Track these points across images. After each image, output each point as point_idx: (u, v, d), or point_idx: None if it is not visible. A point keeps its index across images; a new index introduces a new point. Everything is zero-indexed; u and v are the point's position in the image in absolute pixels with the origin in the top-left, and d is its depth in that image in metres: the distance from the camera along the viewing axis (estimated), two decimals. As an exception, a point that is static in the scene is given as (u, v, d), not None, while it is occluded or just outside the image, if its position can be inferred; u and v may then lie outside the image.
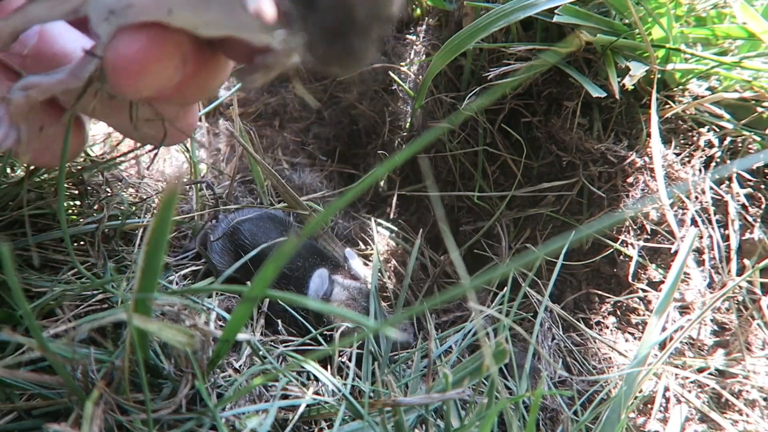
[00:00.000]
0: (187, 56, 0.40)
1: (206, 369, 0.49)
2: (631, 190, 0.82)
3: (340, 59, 0.32)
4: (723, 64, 0.78)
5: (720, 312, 0.77)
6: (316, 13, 0.30)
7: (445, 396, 0.52)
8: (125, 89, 0.39)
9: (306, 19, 0.31)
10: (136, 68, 0.38)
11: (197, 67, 0.41)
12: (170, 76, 0.39)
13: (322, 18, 0.30)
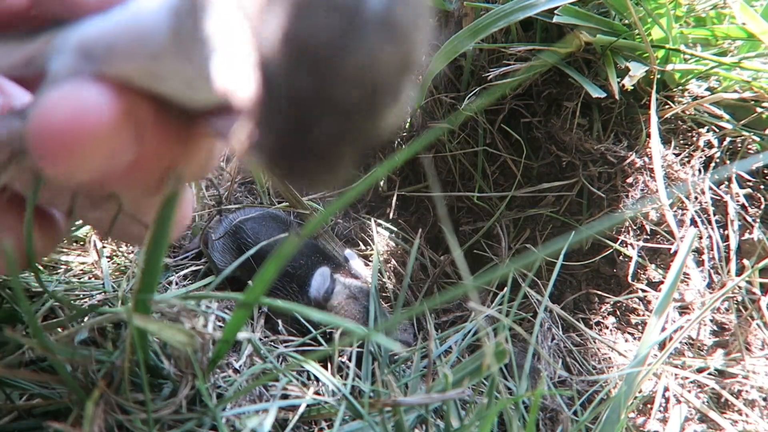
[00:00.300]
0: (144, 126, 0.29)
1: (206, 369, 0.49)
2: (630, 191, 0.82)
3: (293, 176, 0.25)
4: (722, 64, 0.78)
5: (719, 312, 0.77)
6: (277, 116, 0.23)
7: (445, 396, 0.52)
8: (52, 171, 0.28)
9: (269, 117, 0.23)
10: (65, 140, 0.27)
11: (162, 141, 0.30)
12: (119, 154, 0.28)
13: (273, 116, 0.23)
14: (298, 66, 0.21)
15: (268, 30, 0.21)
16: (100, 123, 0.27)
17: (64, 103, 0.27)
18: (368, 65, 0.21)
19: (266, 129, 0.23)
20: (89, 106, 0.27)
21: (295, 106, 0.22)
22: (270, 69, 0.22)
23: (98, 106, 0.27)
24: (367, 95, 0.22)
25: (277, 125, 0.23)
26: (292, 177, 0.25)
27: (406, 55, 0.22)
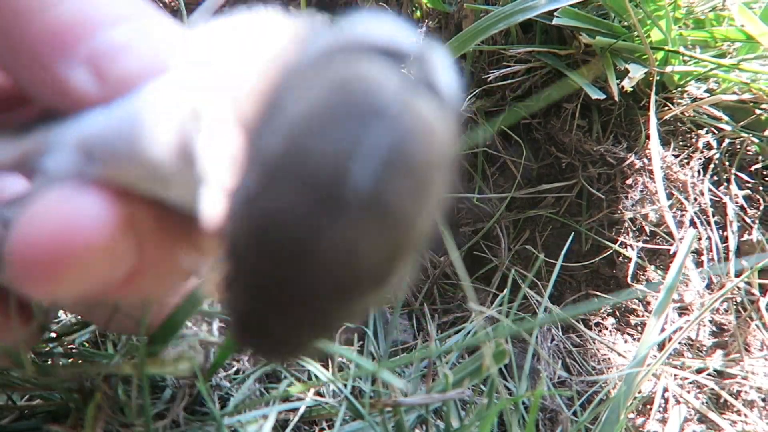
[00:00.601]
0: (145, 233, 0.26)
1: (208, 373, 0.49)
2: (630, 192, 0.82)
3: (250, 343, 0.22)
4: (721, 66, 0.79)
5: (719, 313, 0.77)
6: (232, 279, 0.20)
7: (446, 396, 0.52)
8: (33, 292, 0.24)
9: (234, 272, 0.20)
10: (47, 263, 0.23)
11: (163, 247, 0.27)
12: (116, 267, 0.25)
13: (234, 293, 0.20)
14: (259, 247, 0.18)
15: (236, 200, 0.18)
16: (95, 239, 0.23)
17: (51, 214, 0.23)
18: (345, 254, 0.17)
19: (231, 302, 0.21)
20: (83, 220, 0.23)
21: (256, 291, 0.19)
22: (234, 244, 0.18)
23: (93, 219, 0.23)
24: (341, 286, 0.18)
25: (240, 304, 0.20)
26: (250, 350, 0.22)
27: (400, 240, 0.18)
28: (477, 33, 0.74)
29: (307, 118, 0.17)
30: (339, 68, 0.18)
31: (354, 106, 0.17)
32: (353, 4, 0.89)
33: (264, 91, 0.20)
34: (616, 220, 0.83)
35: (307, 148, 0.17)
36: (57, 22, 0.25)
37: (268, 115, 0.19)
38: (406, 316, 0.80)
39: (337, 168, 0.16)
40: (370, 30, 0.20)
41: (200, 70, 0.25)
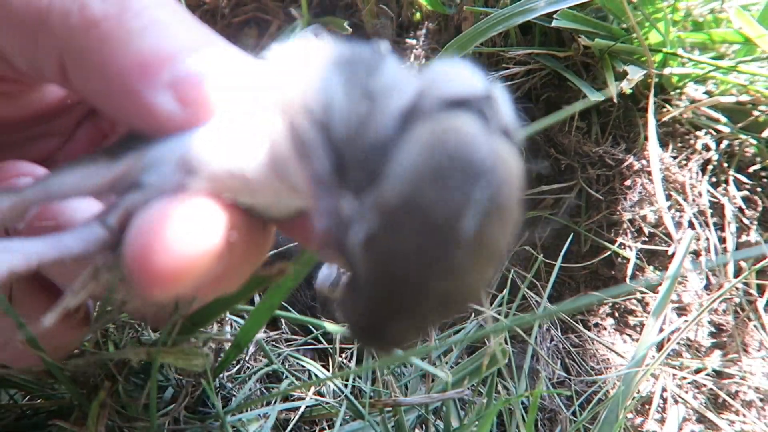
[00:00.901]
0: (235, 237, 0.29)
1: (214, 373, 0.50)
2: (628, 193, 0.83)
3: (355, 334, 0.27)
4: (719, 68, 0.79)
5: (717, 313, 0.77)
6: (358, 291, 0.25)
7: (445, 396, 0.53)
8: (154, 293, 0.27)
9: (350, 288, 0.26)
10: (167, 270, 0.26)
11: (247, 250, 0.30)
12: (212, 272, 0.28)
13: (359, 298, 0.25)
14: (393, 274, 0.23)
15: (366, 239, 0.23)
16: (213, 244, 0.26)
17: (173, 222, 0.26)
18: (455, 279, 0.23)
19: (351, 305, 0.26)
20: (201, 227, 0.26)
21: (378, 304, 0.24)
22: (360, 267, 0.24)
23: (211, 226, 0.27)
24: (444, 304, 0.24)
25: (358, 310, 0.25)
26: (364, 344, 0.26)
27: (492, 265, 0.24)
28: (476, 35, 0.74)
29: (420, 173, 0.22)
30: (435, 123, 0.24)
31: (458, 164, 0.22)
32: (353, 7, 0.90)
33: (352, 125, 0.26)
34: (614, 221, 0.83)
35: (425, 200, 0.22)
36: (141, 53, 0.28)
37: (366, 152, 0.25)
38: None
39: (452, 217, 0.22)
40: (449, 82, 0.26)
41: (275, 93, 0.29)
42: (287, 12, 0.89)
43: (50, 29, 0.29)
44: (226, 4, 0.91)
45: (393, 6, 0.90)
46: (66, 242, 0.30)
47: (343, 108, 0.27)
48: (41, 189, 0.31)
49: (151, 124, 0.29)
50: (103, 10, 0.28)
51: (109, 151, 0.32)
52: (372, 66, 0.29)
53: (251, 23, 0.91)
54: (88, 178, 0.31)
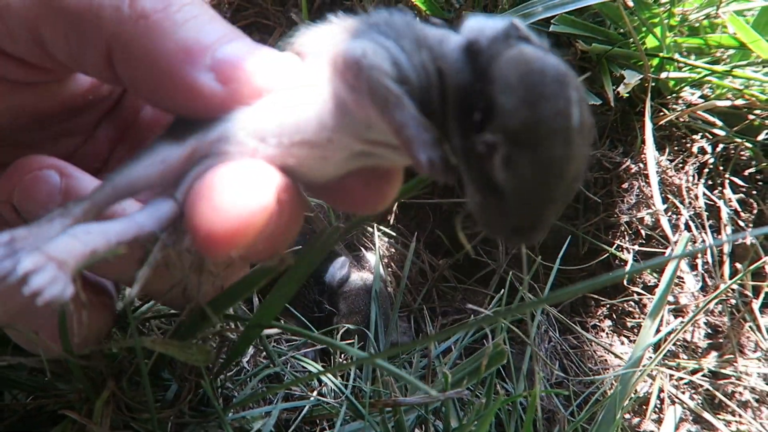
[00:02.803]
0: (288, 193, 0.32)
1: (216, 373, 0.50)
2: (626, 196, 0.83)
3: (512, 239, 0.32)
4: (715, 72, 0.80)
5: (713, 315, 0.78)
6: (505, 203, 0.30)
7: (444, 396, 0.53)
8: (215, 254, 0.29)
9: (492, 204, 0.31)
10: (241, 230, 0.29)
11: (293, 214, 0.33)
12: (271, 229, 0.31)
13: (513, 213, 0.31)
14: (537, 181, 0.29)
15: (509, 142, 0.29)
16: (272, 204, 0.30)
17: (234, 182, 0.29)
18: (580, 159, 0.30)
19: (501, 216, 0.31)
20: (262, 187, 0.30)
21: (533, 204, 0.30)
22: (508, 184, 0.30)
23: (270, 186, 0.30)
24: (577, 179, 0.31)
25: (513, 215, 0.31)
26: (520, 241, 0.32)
27: (588, 151, 0.31)
28: (475, 40, 0.75)
29: (527, 95, 0.29)
30: (510, 57, 0.31)
31: (549, 78, 0.30)
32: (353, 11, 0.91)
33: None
34: (612, 224, 0.84)
35: (547, 116, 0.29)
36: (185, 40, 0.33)
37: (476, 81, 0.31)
38: (405, 318, 0.81)
39: (566, 117, 0.29)
40: (490, 24, 0.33)
41: (326, 64, 0.33)
42: (288, 17, 0.90)
43: (100, 20, 0.33)
44: (227, 8, 0.92)
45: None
46: (139, 220, 0.32)
47: (406, 60, 0.33)
48: (110, 188, 0.33)
49: (196, 103, 0.33)
50: (151, 4, 0.33)
51: (167, 136, 0.35)
52: (405, 22, 0.35)
53: (252, 28, 0.92)
54: (154, 166, 0.34)
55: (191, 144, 0.34)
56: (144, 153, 0.34)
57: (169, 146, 0.34)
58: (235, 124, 0.33)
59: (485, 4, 0.82)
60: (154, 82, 0.34)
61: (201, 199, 0.30)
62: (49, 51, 0.35)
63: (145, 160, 0.34)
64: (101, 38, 0.33)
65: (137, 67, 0.33)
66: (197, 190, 0.30)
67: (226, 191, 0.30)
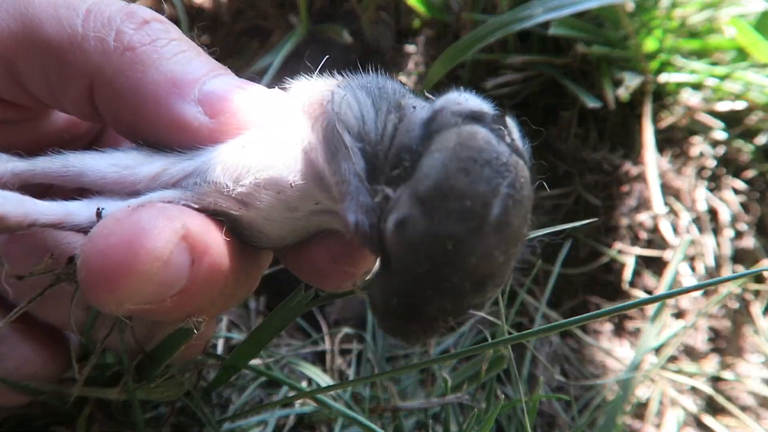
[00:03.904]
0: (208, 250, 0.29)
1: (208, 389, 0.50)
2: (626, 199, 0.83)
3: (385, 323, 0.29)
4: (715, 75, 0.80)
5: (714, 318, 0.78)
6: (389, 278, 0.28)
7: (444, 401, 0.53)
8: (97, 299, 0.27)
9: (381, 276, 0.29)
10: (115, 269, 0.26)
11: (219, 266, 0.30)
12: (171, 278, 0.28)
13: (391, 289, 0.28)
14: (428, 257, 0.26)
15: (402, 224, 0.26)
16: (161, 247, 0.27)
17: (118, 226, 0.27)
18: (487, 257, 0.26)
19: (382, 293, 0.28)
20: (144, 232, 0.27)
21: (414, 286, 0.27)
22: (395, 252, 0.27)
23: (154, 232, 0.27)
24: (477, 284, 0.27)
25: (392, 296, 0.27)
26: (394, 332, 0.29)
27: (515, 248, 0.27)
28: (474, 42, 0.75)
29: (452, 166, 0.26)
30: (459, 129, 0.28)
31: (484, 160, 0.26)
32: (352, 14, 0.90)
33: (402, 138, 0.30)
34: (612, 227, 0.84)
35: (461, 191, 0.26)
36: (172, 73, 0.33)
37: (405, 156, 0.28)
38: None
39: (483, 203, 0.26)
40: (464, 102, 0.31)
41: (303, 109, 0.33)
42: (287, 19, 0.90)
43: (84, 52, 0.32)
44: (226, 11, 0.92)
45: (392, 13, 0.91)
46: (71, 208, 0.31)
47: (373, 118, 0.32)
48: (59, 163, 0.32)
49: (182, 135, 0.33)
50: (138, 37, 0.33)
51: (145, 148, 0.34)
52: (395, 89, 0.34)
53: (251, 32, 0.92)
54: (116, 168, 0.33)
55: (163, 164, 0.33)
56: (112, 152, 0.34)
57: (142, 158, 0.34)
58: (209, 159, 0.33)
59: (484, 7, 0.82)
60: (138, 114, 0.33)
61: (98, 235, 0.28)
62: (26, 87, 0.34)
63: (110, 158, 0.33)
64: (83, 72, 0.33)
65: (120, 99, 0.33)
66: (104, 222, 0.28)
67: (121, 234, 0.27)
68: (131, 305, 0.28)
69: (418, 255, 0.26)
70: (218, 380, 0.48)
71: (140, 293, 0.27)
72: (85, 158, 0.33)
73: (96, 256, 0.27)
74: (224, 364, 0.46)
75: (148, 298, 0.28)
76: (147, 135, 0.34)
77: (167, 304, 0.29)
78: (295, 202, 0.33)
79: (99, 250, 0.27)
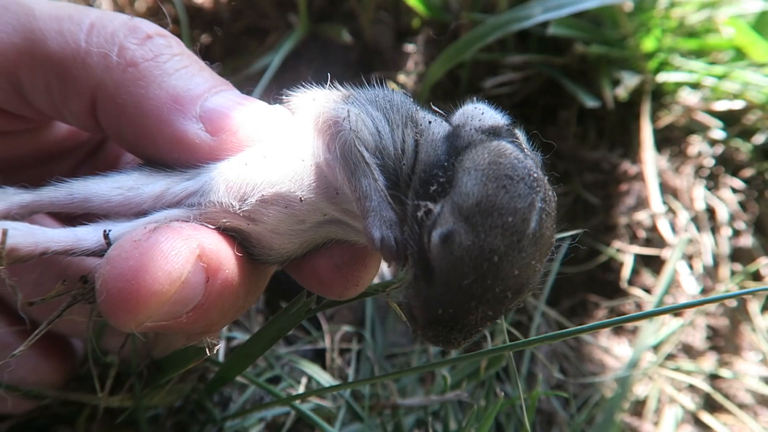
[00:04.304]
0: (222, 267, 0.30)
1: (206, 390, 0.50)
2: (625, 198, 0.83)
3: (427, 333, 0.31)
4: (713, 74, 0.80)
5: (712, 317, 0.78)
6: (431, 285, 0.29)
7: (444, 398, 0.53)
8: (117, 320, 0.28)
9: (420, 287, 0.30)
10: (135, 291, 0.27)
11: (232, 281, 0.32)
12: (188, 297, 0.29)
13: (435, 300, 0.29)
14: (470, 269, 0.28)
15: (449, 240, 0.28)
16: (179, 271, 0.28)
17: (134, 252, 0.28)
18: (525, 267, 0.28)
19: (424, 306, 0.30)
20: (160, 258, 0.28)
21: (458, 297, 0.28)
22: (440, 265, 0.28)
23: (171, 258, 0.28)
24: (517, 291, 0.29)
25: (436, 308, 0.29)
26: (437, 341, 0.31)
27: (545, 256, 0.30)
28: (473, 41, 0.75)
29: (490, 184, 0.28)
30: (487, 146, 0.30)
31: (519, 176, 0.29)
32: (352, 14, 0.91)
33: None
34: (611, 226, 0.84)
35: (502, 207, 0.28)
36: (174, 89, 0.33)
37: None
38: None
39: (523, 220, 0.28)
40: (482, 116, 0.33)
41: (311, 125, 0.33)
42: (286, 19, 0.90)
43: (87, 67, 0.33)
44: (225, 10, 0.92)
45: (392, 13, 0.91)
46: (80, 234, 0.31)
47: (389, 132, 0.33)
48: (65, 191, 0.33)
49: (182, 152, 0.33)
50: (141, 53, 0.33)
51: (147, 167, 0.35)
52: (402, 101, 0.35)
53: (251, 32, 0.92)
54: (120, 191, 0.33)
55: (167, 183, 0.34)
56: (114, 174, 0.34)
57: (144, 178, 0.34)
58: (214, 178, 0.33)
59: (483, 7, 0.82)
60: (139, 130, 0.33)
61: (117, 257, 0.28)
62: (29, 100, 0.35)
63: (113, 182, 0.34)
64: (86, 86, 0.33)
65: (123, 114, 0.33)
66: (121, 245, 0.29)
67: (140, 256, 0.28)
68: (149, 323, 0.29)
69: (464, 268, 0.28)
70: (212, 386, 0.49)
71: (159, 312, 0.28)
72: (88, 184, 0.34)
73: (115, 279, 0.27)
74: (217, 375, 0.47)
75: (166, 317, 0.29)
76: (149, 150, 0.35)
77: (182, 320, 0.30)
78: (303, 215, 0.33)
79: (118, 273, 0.27)
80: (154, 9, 0.86)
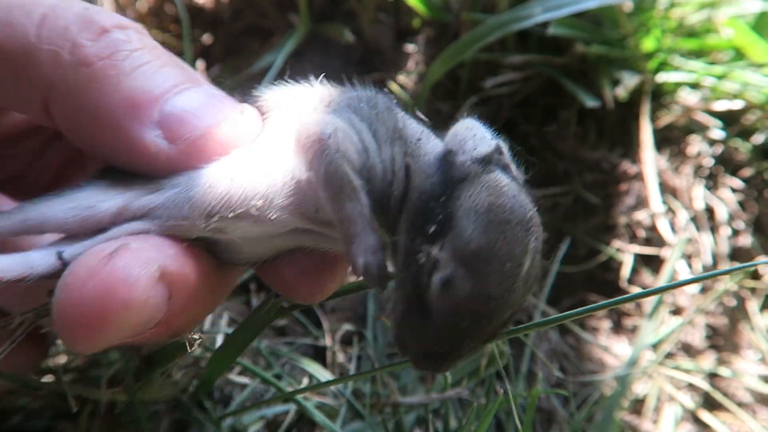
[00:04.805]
0: (185, 281, 0.29)
1: (201, 388, 0.50)
2: (624, 198, 0.84)
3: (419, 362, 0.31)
4: (713, 74, 0.80)
5: (711, 315, 0.79)
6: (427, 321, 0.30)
7: (444, 396, 0.54)
8: (75, 347, 0.27)
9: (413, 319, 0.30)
10: (91, 319, 0.25)
11: (196, 293, 0.30)
12: (149, 318, 0.27)
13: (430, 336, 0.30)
14: (468, 312, 0.29)
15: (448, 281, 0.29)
16: (132, 296, 0.26)
17: (92, 275, 0.26)
18: (517, 305, 0.30)
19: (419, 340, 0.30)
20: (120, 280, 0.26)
21: (454, 336, 0.29)
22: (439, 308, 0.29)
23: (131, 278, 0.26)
24: (507, 323, 0.31)
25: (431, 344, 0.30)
26: (427, 368, 0.32)
27: (531, 290, 0.31)
28: (473, 41, 0.76)
29: (490, 230, 0.29)
30: (484, 181, 0.30)
31: (516, 220, 0.29)
32: (352, 14, 0.91)
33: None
34: (611, 225, 0.84)
35: (501, 255, 0.29)
36: (131, 91, 0.29)
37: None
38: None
39: (519, 265, 0.29)
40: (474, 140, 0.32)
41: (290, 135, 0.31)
42: (287, 19, 0.90)
43: (38, 65, 0.29)
44: (226, 10, 0.92)
45: (392, 13, 0.91)
46: (34, 260, 0.29)
47: (376, 149, 0.31)
48: (18, 219, 0.30)
49: (141, 161, 0.30)
50: (96, 50, 0.29)
51: (102, 180, 0.32)
52: (387, 107, 0.33)
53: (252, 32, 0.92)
54: (76, 210, 0.30)
55: (126, 198, 0.31)
56: (69, 192, 0.31)
57: (101, 194, 0.31)
58: (179, 193, 0.30)
59: (483, 7, 0.82)
60: (95, 136, 0.30)
61: (71, 286, 0.26)
62: None
63: (67, 201, 0.31)
64: (37, 86, 0.30)
65: (77, 118, 0.30)
66: (76, 271, 0.27)
67: (96, 285, 0.26)
68: (109, 344, 0.27)
69: (462, 311, 0.29)
70: (203, 387, 0.49)
71: (118, 336, 0.27)
72: (41, 208, 0.31)
73: (70, 308, 0.26)
74: (199, 377, 0.47)
75: (127, 336, 0.28)
76: (109, 158, 0.32)
77: (146, 335, 0.29)
78: (276, 230, 0.32)
79: (74, 302, 0.26)
80: (156, 9, 0.86)
